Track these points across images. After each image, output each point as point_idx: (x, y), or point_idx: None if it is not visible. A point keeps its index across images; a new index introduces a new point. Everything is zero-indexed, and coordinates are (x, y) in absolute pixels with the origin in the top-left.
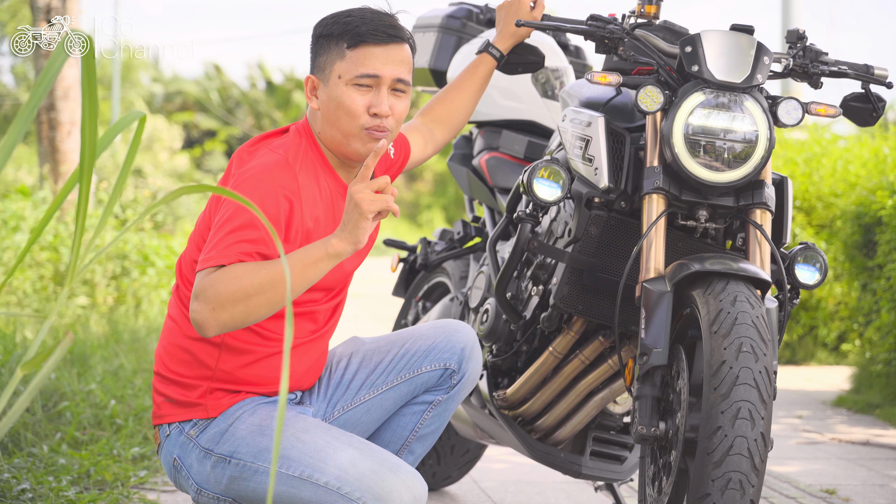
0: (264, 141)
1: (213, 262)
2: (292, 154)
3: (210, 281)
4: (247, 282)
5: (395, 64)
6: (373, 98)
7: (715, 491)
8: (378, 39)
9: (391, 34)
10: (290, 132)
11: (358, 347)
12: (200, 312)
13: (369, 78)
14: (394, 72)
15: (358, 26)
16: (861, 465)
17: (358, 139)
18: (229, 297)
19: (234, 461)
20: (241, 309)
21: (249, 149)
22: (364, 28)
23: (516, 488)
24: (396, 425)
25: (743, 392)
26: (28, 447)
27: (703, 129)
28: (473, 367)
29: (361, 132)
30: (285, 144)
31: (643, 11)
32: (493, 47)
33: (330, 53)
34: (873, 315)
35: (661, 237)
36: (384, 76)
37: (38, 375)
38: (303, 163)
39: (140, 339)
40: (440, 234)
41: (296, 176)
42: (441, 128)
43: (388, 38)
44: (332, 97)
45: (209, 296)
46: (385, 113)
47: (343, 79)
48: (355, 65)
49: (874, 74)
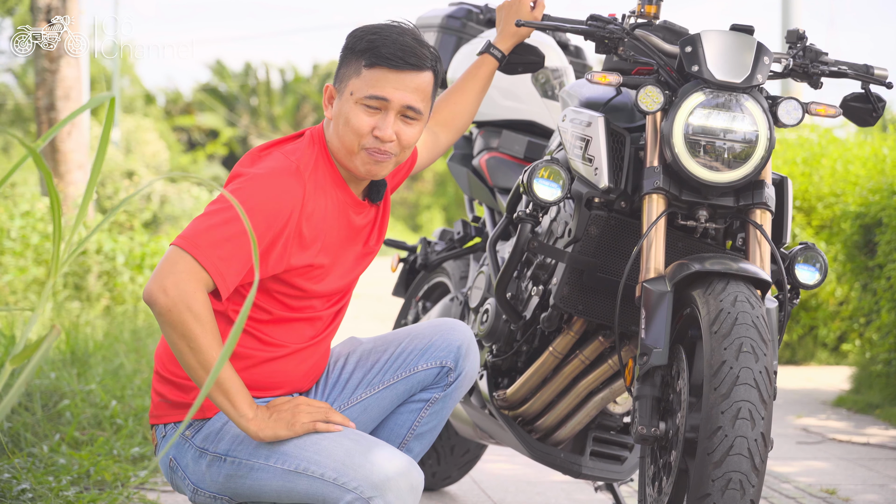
0: (278, 146)
1: (190, 248)
2: (304, 163)
3: (187, 292)
4: (199, 342)
5: (407, 91)
6: (379, 121)
7: (715, 491)
8: (394, 65)
9: (410, 62)
10: (304, 137)
11: (355, 347)
12: (158, 297)
13: (378, 100)
14: (404, 98)
15: (378, 47)
16: (861, 465)
17: (358, 157)
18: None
19: (230, 459)
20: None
21: (262, 152)
22: (385, 50)
23: (516, 488)
24: (394, 424)
25: (743, 392)
26: (28, 447)
27: (703, 129)
28: (470, 365)
29: (362, 151)
30: (298, 151)
31: (643, 11)
32: (495, 48)
33: (349, 68)
34: (873, 315)
35: (661, 237)
36: (393, 101)
37: (26, 369)
38: (313, 173)
39: (140, 339)
40: (440, 234)
41: (304, 186)
42: (445, 130)
43: (405, 66)
44: (342, 112)
45: (178, 298)
46: (388, 138)
47: (354, 96)
48: (367, 85)
49: (874, 74)
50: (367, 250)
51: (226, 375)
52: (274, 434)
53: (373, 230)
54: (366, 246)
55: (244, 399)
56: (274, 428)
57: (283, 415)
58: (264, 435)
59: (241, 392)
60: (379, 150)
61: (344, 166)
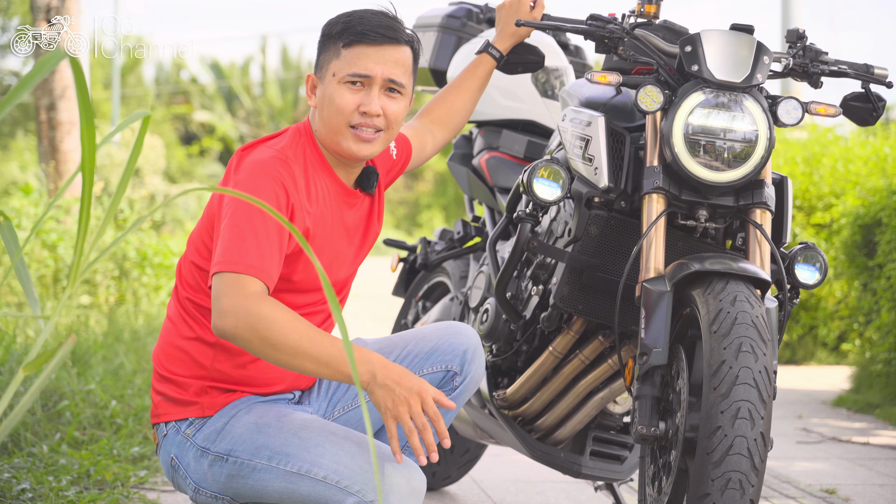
0: (261, 142)
1: (229, 267)
2: (290, 152)
3: (241, 306)
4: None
5: (387, 64)
6: (363, 97)
7: (715, 491)
8: (372, 40)
9: (387, 35)
10: (287, 133)
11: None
12: (224, 324)
13: (360, 77)
14: (385, 72)
15: (355, 26)
16: (861, 465)
17: (346, 137)
18: (272, 339)
19: (232, 459)
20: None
21: (246, 150)
22: (360, 28)
23: (516, 488)
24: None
25: (743, 392)
26: (28, 447)
27: (702, 128)
28: (476, 370)
29: (348, 130)
30: (282, 142)
31: (643, 11)
32: (493, 47)
33: (328, 52)
34: (873, 315)
35: (660, 237)
36: (375, 76)
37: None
38: (298, 160)
39: (140, 338)
40: (440, 233)
41: (292, 171)
42: (441, 128)
43: (383, 39)
44: (326, 95)
45: (237, 314)
46: (374, 112)
47: (336, 77)
48: (348, 63)
49: (874, 74)
50: (363, 243)
51: (318, 344)
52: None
53: (369, 223)
54: (363, 239)
55: (346, 358)
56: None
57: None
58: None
59: (341, 354)
60: (367, 126)
61: (332, 150)
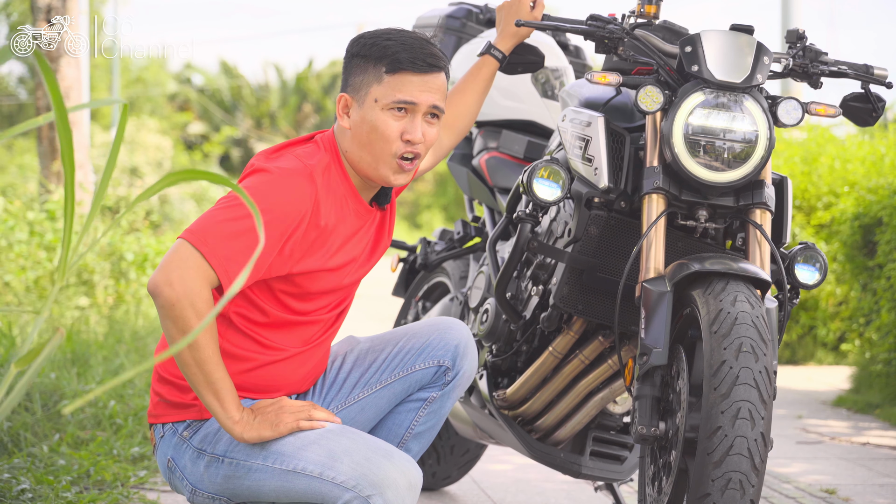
0: (288, 148)
1: (199, 243)
2: (318, 169)
3: (192, 289)
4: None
5: (432, 92)
6: (407, 124)
7: (715, 491)
8: (417, 69)
9: (431, 63)
10: (314, 142)
11: (353, 346)
12: (163, 290)
13: (406, 104)
14: (430, 99)
15: (398, 52)
16: (861, 465)
17: (388, 166)
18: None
19: (228, 460)
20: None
21: (272, 154)
22: (404, 55)
23: (516, 488)
24: (392, 423)
25: (743, 392)
26: (28, 447)
27: (702, 129)
28: (468, 365)
29: (393, 160)
30: (310, 155)
31: (643, 11)
32: (495, 49)
33: (367, 75)
34: (873, 315)
35: (660, 237)
36: (421, 104)
37: (28, 371)
38: (325, 179)
39: (140, 338)
40: (440, 234)
41: (316, 190)
42: (448, 133)
43: (428, 68)
44: (367, 120)
45: (183, 294)
46: (418, 140)
47: (379, 103)
48: (393, 90)
49: (874, 74)
50: (373, 255)
51: (218, 376)
52: (258, 435)
53: (380, 235)
54: (373, 251)
55: (232, 401)
56: (258, 429)
57: (268, 416)
58: (248, 436)
59: (231, 394)
60: (409, 153)
61: (365, 174)
